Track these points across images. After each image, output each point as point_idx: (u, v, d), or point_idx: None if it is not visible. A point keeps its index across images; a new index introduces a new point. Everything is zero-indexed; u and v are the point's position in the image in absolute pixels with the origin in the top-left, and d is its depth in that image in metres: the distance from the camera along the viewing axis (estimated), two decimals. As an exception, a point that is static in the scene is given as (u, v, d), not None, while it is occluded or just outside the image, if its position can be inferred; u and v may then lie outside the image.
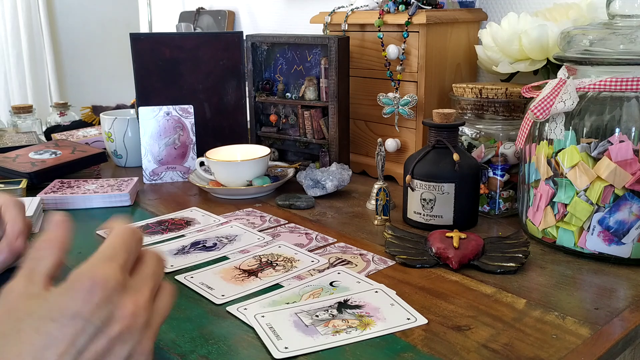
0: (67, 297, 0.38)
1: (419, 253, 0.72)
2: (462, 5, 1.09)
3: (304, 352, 0.52)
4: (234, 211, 0.91)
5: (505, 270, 0.67)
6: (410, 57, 1.00)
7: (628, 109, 0.68)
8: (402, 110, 1.00)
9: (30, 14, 2.65)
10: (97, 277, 0.39)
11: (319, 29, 1.17)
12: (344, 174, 0.97)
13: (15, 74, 2.68)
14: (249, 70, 1.13)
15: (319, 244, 0.77)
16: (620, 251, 0.69)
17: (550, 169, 0.73)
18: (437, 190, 0.80)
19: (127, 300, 0.39)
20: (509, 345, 0.53)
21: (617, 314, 0.58)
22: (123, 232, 0.42)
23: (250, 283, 0.66)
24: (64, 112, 1.54)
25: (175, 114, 1.07)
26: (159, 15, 2.03)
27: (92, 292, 0.38)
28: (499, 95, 0.86)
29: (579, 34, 0.73)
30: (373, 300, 0.61)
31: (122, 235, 0.42)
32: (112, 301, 0.38)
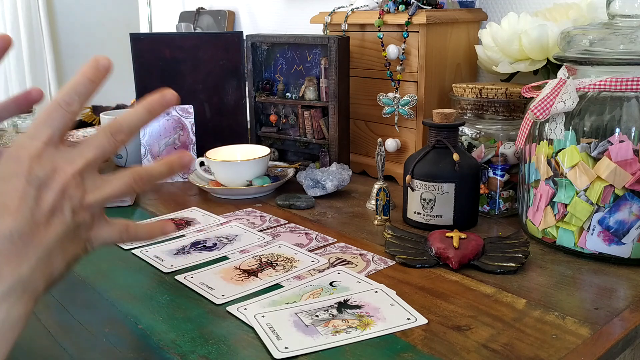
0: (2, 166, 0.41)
1: (419, 253, 0.72)
2: (462, 5, 1.09)
3: (304, 352, 0.52)
4: (234, 211, 0.91)
5: (505, 270, 0.67)
6: (410, 57, 1.00)
7: (628, 109, 0.68)
8: (402, 110, 1.00)
9: (30, 14, 2.65)
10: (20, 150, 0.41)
11: (319, 29, 1.17)
12: (344, 174, 0.97)
13: (15, 74, 2.68)
14: (249, 70, 1.13)
15: (319, 244, 0.77)
16: (620, 251, 0.69)
17: (550, 169, 0.73)
18: (437, 190, 0.80)
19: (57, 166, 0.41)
20: (509, 345, 0.53)
21: (617, 314, 0.58)
22: (49, 107, 0.43)
23: (250, 283, 0.66)
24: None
25: (175, 114, 1.07)
26: (159, 15, 2.03)
27: (20, 160, 0.40)
28: (499, 95, 0.86)
29: (579, 34, 0.73)
30: (373, 300, 0.61)
31: (46, 112, 0.42)
32: (43, 165, 0.40)
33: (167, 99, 0.44)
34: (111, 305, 0.62)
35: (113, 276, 0.69)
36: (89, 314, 0.61)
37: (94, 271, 0.70)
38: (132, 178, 0.44)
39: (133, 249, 0.76)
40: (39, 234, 0.40)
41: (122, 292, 0.65)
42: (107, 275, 0.69)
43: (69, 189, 0.41)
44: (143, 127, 0.44)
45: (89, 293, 0.65)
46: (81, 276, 0.69)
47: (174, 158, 0.45)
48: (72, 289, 0.66)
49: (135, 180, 0.44)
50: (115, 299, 0.63)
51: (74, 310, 0.61)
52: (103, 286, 0.66)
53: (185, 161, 0.46)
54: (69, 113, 0.42)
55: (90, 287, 0.66)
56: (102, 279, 0.68)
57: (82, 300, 0.64)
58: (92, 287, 0.66)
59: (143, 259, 0.73)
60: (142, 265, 0.72)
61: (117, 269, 0.71)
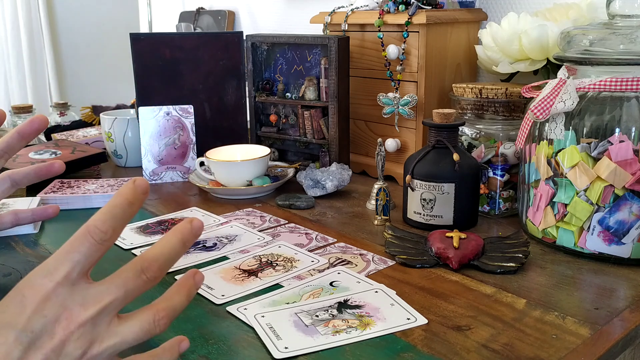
0: (1, 310, 0.37)
1: (419, 253, 0.72)
2: (462, 5, 1.09)
3: (304, 352, 0.52)
4: (234, 211, 0.91)
5: (505, 270, 0.67)
6: (410, 57, 1.00)
7: (628, 109, 0.68)
8: (402, 110, 1.00)
9: (30, 14, 2.65)
10: (28, 291, 0.37)
11: (319, 29, 1.17)
12: (344, 174, 0.97)
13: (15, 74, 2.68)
14: (249, 70, 1.13)
15: (319, 244, 0.77)
16: (620, 251, 0.69)
17: (550, 169, 0.73)
18: (437, 190, 0.80)
19: (63, 314, 0.36)
20: (509, 345, 0.53)
21: (617, 314, 0.58)
22: (77, 235, 0.38)
23: (250, 283, 0.66)
24: (64, 112, 1.54)
25: (175, 114, 1.07)
26: (159, 15, 2.03)
27: (23, 304, 0.36)
28: (499, 95, 0.86)
29: (579, 34, 0.73)
30: (373, 300, 0.61)
31: (73, 241, 0.38)
32: (45, 314, 0.36)
33: (195, 226, 0.40)
34: (111, 305, 0.62)
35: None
36: (89, 314, 0.60)
37: (94, 271, 0.70)
38: (154, 318, 0.39)
39: (133, 249, 0.76)
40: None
41: (122, 292, 0.65)
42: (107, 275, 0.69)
43: (68, 344, 0.36)
44: (175, 261, 0.40)
45: (89, 293, 0.65)
46: (81, 276, 0.69)
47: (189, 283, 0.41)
48: (72, 289, 0.66)
49: (156, 320, 0.39)
50: (115, 299, 0.63)
51: (74, 310, 0.61)
52: (103, 286, 0.66)
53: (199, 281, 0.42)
54: (99, 244, 0.38)
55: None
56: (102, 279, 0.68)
57: (82, 300, 0.64)
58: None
59: (143, 259, 0.73)
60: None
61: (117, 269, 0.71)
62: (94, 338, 0.37)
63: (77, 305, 0.37)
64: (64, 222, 0.87)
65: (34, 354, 0.35)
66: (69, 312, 0.37)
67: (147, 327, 0.39)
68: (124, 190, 0.38)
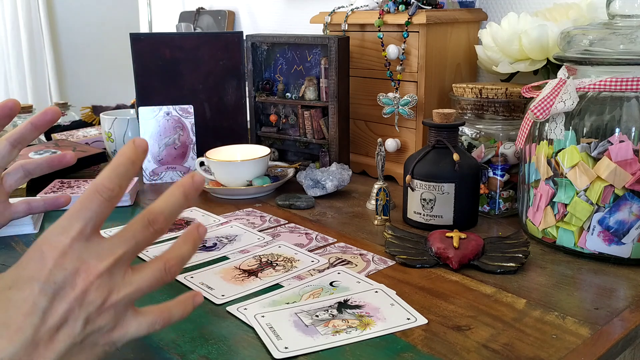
0: (21, 267, 0.39)
1: (419, 253, 0.72)
2: (462, 5, 1.09)
3: (304, 352, 0.52)
4: (234, 211, 0.91)
5: (505, 270, 0.67)
6: (410, 57, 1.00)
7: (628, 109, 0.68)
8: (402, 110, 1.00)
9: (30, 14, 2.65)
10: (46, 247, 0.39)
11: (319, 29, 1.17)
12: (344, 174, 0.97)
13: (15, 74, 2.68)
14: (249, 70, 1.13)
15: (319, 244, 0.77)
16: (620, 251, 0.69)
17: (550, 169, 0.73)
18: (437, 190, 0.80)
19: (82, 267, 0.39)
20: (509, 345, 0.53)
21: (617, 314, 0.58)
22: (86, 194, 0.40)
23: (250, 283, 0.66)
24: (64, 112, 1.54)
25: (175, 114, 1.07)
26: (159, 15, 2.03)
27: (43, 259, 0.39)
28: (499, 95, 0.86)
29: (579, 34, 0.73)
30: (373, 300, 0.61)
31: (82, 200, 0.40)
32: (65, 267, 0.39)
33: (196, 181, 0.43)
34: (111, 305, 0.62)
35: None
36: (89, 314, 0.60)
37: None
38: (164, 266, 0.42)
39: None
40: (37, 355, 0.37)
41: (122, 292, 0.65)
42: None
43: (89, 294, 0.39)
44: (179, 214, 0.43)
45: (89, 293, 0.65)
46: (81, 276, 0.69)
47: (194, 234, 0.44)
48: (72, 289, 0.66)
49: (167, 268, 0.42)
50: (115, 299, 0.63)
51: (74, 310, 0.61)
52: (103, 286, 0.66)
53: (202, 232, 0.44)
54: (107, 201, 0.40)
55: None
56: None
57: (82, 300, 0.64)
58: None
59: (143, 259, 0.73)
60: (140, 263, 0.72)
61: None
62: (112, 287, 0.40)
63: (93, 259, 0.39)
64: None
65: (59, 303, 0.38)
66: (86, 264, 0.39)
67: (159, 274, 0.42)
68: (126, 150, 0.41)
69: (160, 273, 0.42)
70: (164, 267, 0.42)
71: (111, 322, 0.40)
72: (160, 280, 0.42)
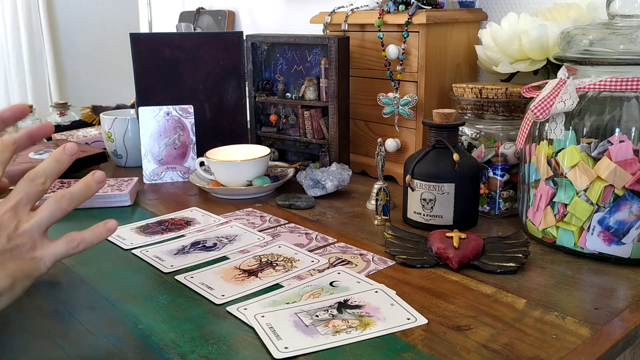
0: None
1: (419, 253, 0.72)
2: (462, 5, 1.09)
3: (304, 352, 0.52)
4: (234, 211, 0.91)
5: (505, 270, 0.67)
6: (410, 57, 1.00)
7: (628, 109, 0.68)
8: (402, 110, 1.00)
9: (30, 14, 2.65)
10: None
11: (319, 29, 1.17)
12: (344, 174, 0.97)
13: (15, 74, 2.68)
14: (249, 70, 1.13)
15: (319, 244, 0.77)
16: (620, 251, 0.69)
17: (550, 169, 0.73)
18: (437, 190, 0.80)
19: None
20: (509, 345, 0.53)
21: (617, 314, 0.58)
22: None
23: (250, 283, 0.66)
24: (64, 112, 1.54)
25: (175, 114, 1.07)
26: (159, 15, 2.03)
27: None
28: (499, 95, 0.86)
29: (579, 34, 0.73)
30: (373, 300, 0.61)
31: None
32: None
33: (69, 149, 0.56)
34: (111, 305, 0.62)
35: (113, 276, 0.69)
36: (89, 314, 0.61)
37: (94, 271, 0.70)
38: (55, 200, 0.55)
39: (133, 249, 0.76)
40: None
41: (122, 292, 0.65)
42: (107, 275, 0.69)
43: (3, 221, 0.53)
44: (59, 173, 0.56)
45: (89, 293, 0.65)
46: (81, 276, 0.69)
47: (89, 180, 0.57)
48: (72, 289, 0.66)
49: (57, 201, 0.55)
50: (115, 299, 0.63)
51: (74, 310, 0.61)
52: (103, 286, 0.66)
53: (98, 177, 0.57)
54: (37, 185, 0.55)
55: (90, 287, 0.66)
56: (102, 279, 0.68)
57: (82, 300, 0.64)
58: (92, 287, 0.66)
59: (143, 259, 0.73)
60: (142, 265, 0.72)
61: (117, 269, 0.71)
62: (19, 219, 0.54)
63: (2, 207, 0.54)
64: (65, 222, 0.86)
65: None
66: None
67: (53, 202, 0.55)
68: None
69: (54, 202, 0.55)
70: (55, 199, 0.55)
71: (29, 243, 0.53)
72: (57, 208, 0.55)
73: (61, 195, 0.55)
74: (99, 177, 0.57)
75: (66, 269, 0.71)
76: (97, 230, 0.56)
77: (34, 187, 0.55)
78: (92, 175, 0.57)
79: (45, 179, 0.56)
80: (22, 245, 0.53)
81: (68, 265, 0.71)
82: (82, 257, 0.73)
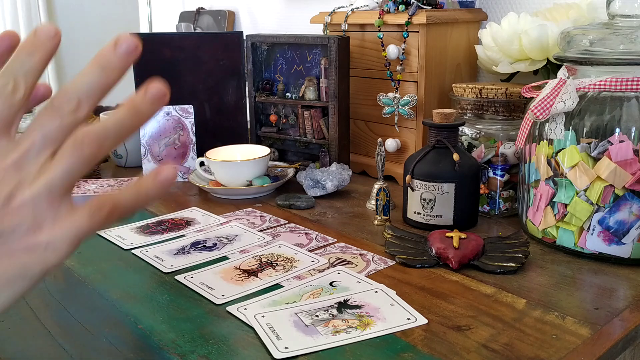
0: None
1: (419, 253, 0.72)
2: (462, 5, 1.09)
3: (304, 352, 0.52)
4: (234, 211, 0.91)
5: (505, 270, 0.67)
6: (410, 57, 1.00)
7: (628, 109, 0.68)
8: (402, 110, 1.00)
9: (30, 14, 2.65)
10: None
11: (319, 29, 1.17)
12: (344, 174, 0.97)
13: (15, 74, 2.68)
14: (249, 70, 1.13)
15: (319, 244, 0.77)
16: (620, 251, 0.69)
17: (550, 169, 0.73)
18: (437, 190, 0.80)
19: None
20: (509, 345, 0.53)
21: (617, 314, 0.58)
22: None
23: (250, 283, 0.66)
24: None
25: (175, 114, 1.07)
26: (159, 15, 2.03)
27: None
28: (499, 95, 0.86)
29: (579, 34, 0.73)
30: (373, 300, 0.61)
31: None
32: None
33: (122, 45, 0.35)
34: (111, 305, 0.62)
35: (113, 276, 0.69)
36: (89, 314, 0.61)
37: (94, 271, 0.70)
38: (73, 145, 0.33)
39: (133, 249, 0.76)
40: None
41: (122, 292, 0.65)
42: (107, 275, 0.69)
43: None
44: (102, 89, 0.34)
45: (89, 293, 0.65)
46: (81, 276, 0.69)
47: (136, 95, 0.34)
48: (72, 289, 0.66)
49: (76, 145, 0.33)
50: (115, 299, 0.63)
51: (74, 310, 0.61)
52: (103, 286, 0.66)
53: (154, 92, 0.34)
54: (4, 97, 0.34)
55: (90, 287, 0.66)
56: (102, 279, 0.68)
57: (82, 300, 0.64)
58: (92, 287, 0.66)
59: (143, 259, 0.73)
60: (142, 265, 0.72)
61: (117, 269, 0.71)
62: (20, 180, 0.33)
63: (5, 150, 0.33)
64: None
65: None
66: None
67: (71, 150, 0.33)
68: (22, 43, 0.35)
69: (72, 149, 0.33)
70: (74, 141, 0.33)
71: (28, 220, 0.32)
72: (78, 158, 0.33)
73: (83, 134, 0.33)
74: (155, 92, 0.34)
75: (66, 269, 0.71)
76: (142, 186, 0.34)
77: (57, 119, 0.33)
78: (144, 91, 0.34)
79: (78, 102, 0.33)
80: (15, 229, 0.32)
81: (68, 266, 0.71)
82: (82, 257, 0.73)
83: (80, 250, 0.70)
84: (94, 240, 0.79)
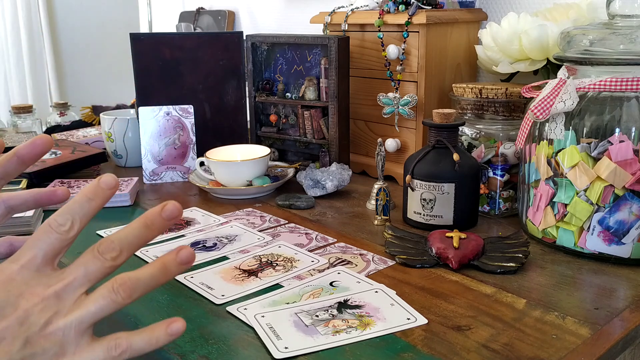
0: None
1: (419, 253, 0.72)
2: (462, 5, 1.09)
3: (304, 352, 0.52)
4: (234, 211, 0.91)
5: (505, 270, 0.67)
6: (410, 57, 1.00)
7: (628, 109, 0.68)
8: (402, 110, 1.00)
9: (30, 14, 2.65)
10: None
11: (319, 29, 1.17)
12: (344, 174, 0.97)
13: (15, 74, 2.68)
14: (249, 70, 1.13)
15: (319, 244, 0.77)
16: (620, 251, 0.69)
17: (550, 169, 0.73)
18: (437, 190, 0.80)
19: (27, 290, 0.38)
20: (509, 345, 0.53)
21: (617, 314, 0.58)
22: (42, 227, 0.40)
23: (250, 283, 0.66)
24: (64, 112, 1.54)
25: (175, 114, 1.07)
26: (159, 15, 2.03)
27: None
28: (499, 95, 0.86)
29: (579, 34, 0.73)
30: (373, 300, 0.61)
31: (38, 232, 0.40)
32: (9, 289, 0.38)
33: (168, 211, 0.40)
34: (111, 305, 0.62)
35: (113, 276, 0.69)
36: (89, 314, 0.60)
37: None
38: (112, 286, 0.40)
39: (133, 249, 0.76)
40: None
41: (122, 292, 0.65)
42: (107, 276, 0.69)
43: (30, 316, 0.37)
44: (141, 244, 0.41)
45: (89, 293, 0.65)
46: (81, 276, 0.69)
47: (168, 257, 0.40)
48: (72, 289, 0.66)
49: (115, 288, 0.40)
50: (115, 299, 0.63)
51: (74, 310, 0.61)
52: (103, 286, 0.66)
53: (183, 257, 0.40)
54: (60, 234, 0.40)
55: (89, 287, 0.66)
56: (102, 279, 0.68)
57: (82, 300, 0.64)
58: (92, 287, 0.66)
59: (143, 259, 0.73)
60: (142, 265, 0.72)
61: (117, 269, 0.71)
62: (58, 310, 0.38)
63: (40, 285, 0.39)
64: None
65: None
66: (32, 289, 0.39)
67: (107, 293, 0.40)
68: (87, 187, 0.41)
69: (108, 292, 0.40)
70: (112, 287, 0.40)
71: (56, 347, 0.38)
72: (109, 300, 0.40)
73: (120, 283, 0.40)
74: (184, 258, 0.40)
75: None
76: (154, 334, 0.40)
77: (99, 263, 0.40)
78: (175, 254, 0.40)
79: (120, 251, 0.40)
80: (45, 352, 0.37)
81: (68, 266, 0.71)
82: (82, 257, 0.73)
83: (80, 250, 0.70)
84: (94, 241, 0.79)
